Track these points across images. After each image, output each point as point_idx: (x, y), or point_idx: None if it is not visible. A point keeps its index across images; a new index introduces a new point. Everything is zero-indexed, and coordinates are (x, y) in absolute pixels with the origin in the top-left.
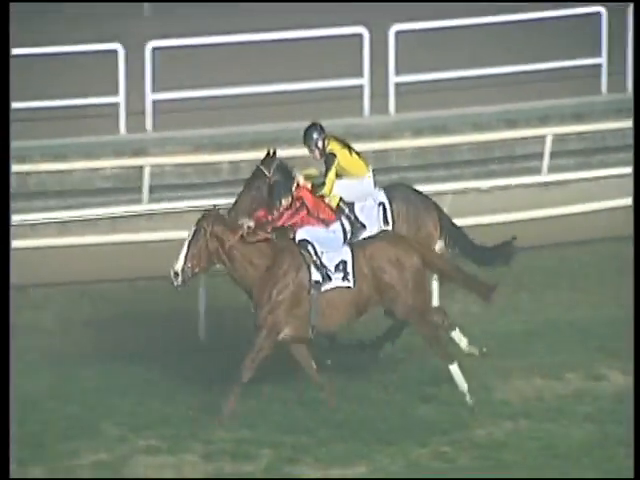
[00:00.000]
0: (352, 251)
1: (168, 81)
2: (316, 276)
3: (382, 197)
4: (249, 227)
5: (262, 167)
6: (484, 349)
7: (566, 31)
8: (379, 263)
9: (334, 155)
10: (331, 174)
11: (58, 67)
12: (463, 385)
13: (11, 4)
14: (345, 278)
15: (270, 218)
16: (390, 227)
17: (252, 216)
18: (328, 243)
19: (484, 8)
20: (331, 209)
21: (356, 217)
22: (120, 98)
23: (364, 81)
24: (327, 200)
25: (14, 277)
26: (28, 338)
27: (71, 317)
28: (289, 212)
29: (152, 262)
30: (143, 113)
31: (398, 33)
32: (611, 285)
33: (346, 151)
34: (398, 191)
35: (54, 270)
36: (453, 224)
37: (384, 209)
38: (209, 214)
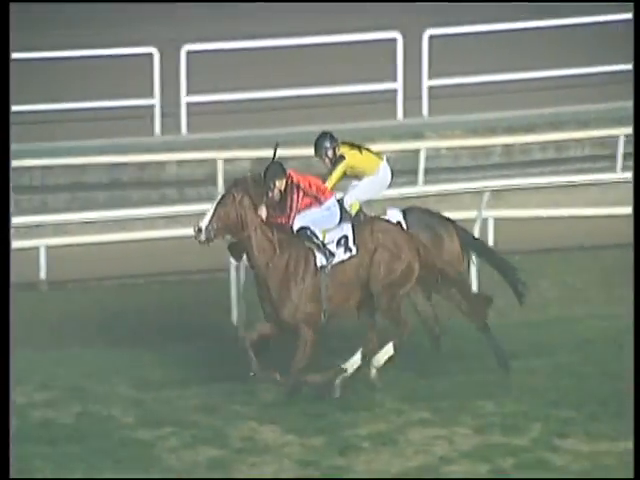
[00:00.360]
0: (354, 226)
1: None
2: (321, 260)
3: (399, 217)
4: (262, 218)
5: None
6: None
7: (598, 37)
8: (383, 240)
9: (342, 157)
10: (336, 173)
11: (90, 70)
12: (379, 362)
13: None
14: (347, 249)
15: (281, 221)
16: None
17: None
18: (325, 221)
19: (516, 12)
20: (324, 187)
21: None
22: (156, 100)
23: (398, 85)
24: (349, 204)
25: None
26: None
27: None
28: (292, 204)
29: None
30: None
31: (432, 37)
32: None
33: (356, 151)
34: (414, 215)
35: None
36: (476, 240)
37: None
38: (242, 182)
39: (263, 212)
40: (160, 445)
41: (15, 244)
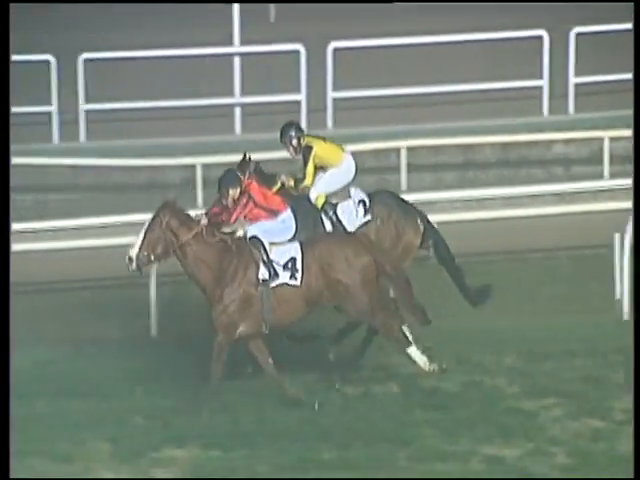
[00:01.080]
0: (302, 248)
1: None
2: (264, 274)
3: (363, 196)
4: (204, 225)
5: (237, 170)
6: (444, 365)
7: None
8: (328, 260)
9: (310, 147)
10: (309, 166)
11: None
12: (425, 364)
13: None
14: (293, 276)
15: (222, 219)
16: (370, 217)
17: (207, 213)
18: (279, 234)
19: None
20: (281, 199)
21: (338, 219)
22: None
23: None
24: (314, 197)
25: None
26: None
27: None
28: (238, 208)
29: None
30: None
31: (579, 35)
32: None
33: (321, 141)
34: (382, 196)
35: None
36: (438, 234)
37: (364, 206)
38: (167, 205)
39: (203, 220)
40: (544, 415)
41: None
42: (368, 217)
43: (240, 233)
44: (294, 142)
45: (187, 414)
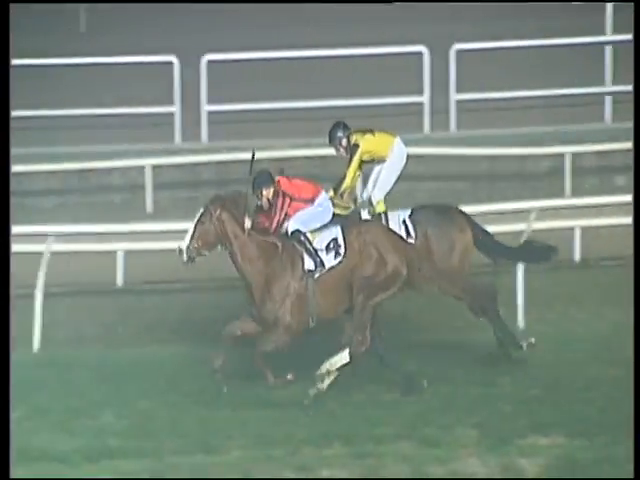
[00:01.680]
0: (344, 228)
1: None
2: (309, 265)
3: (405, 217)
4: (248, 228)
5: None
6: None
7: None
8: (372, 239)
9: (357, 146)
10: (352, 166)
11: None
12: (333, 365)
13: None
14: (337, 254)
15: (266, 225)
16: (414, 240)
17: (254, 218)
18: (319, 218)
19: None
20: (312, 185)
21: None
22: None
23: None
24: (376, 202)
25: None
26: None
27: None
28: (277, 212)
29: None
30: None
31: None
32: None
33: (369, 135)
34: (420, 214)
35: None
36: (486, 233)
37: (406, 226)
38: (218, 198)
39: (247, 223)
40: None
41: None
42: (410, 240)
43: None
44: (343, 142)
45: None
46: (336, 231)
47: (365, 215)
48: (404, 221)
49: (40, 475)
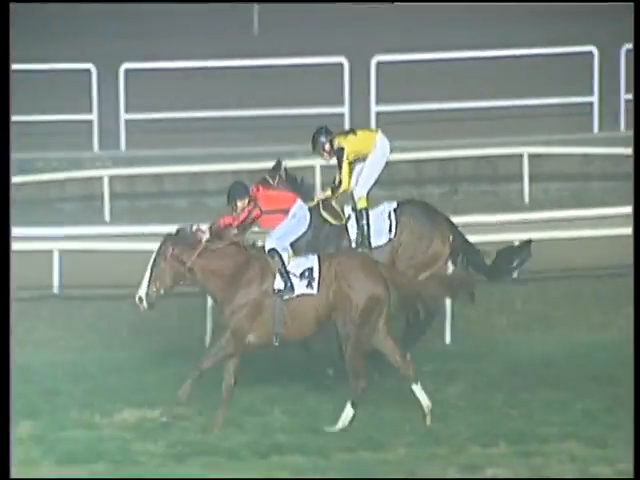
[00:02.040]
0: (319, 260)
1: None
2: (279, 285)
3: (392, 208)
4: (207, 239)
5: (267, 177)
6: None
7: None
8: (344, 273)
9: (342, 149)
10: (345, 169)
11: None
12: (343, 424)
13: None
14: (309, 285)
15: (228, 223)
16: (393, 236)
17: (211, 226)
18: (295, 229)
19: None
20: (289, 195)
21: (369, 226)
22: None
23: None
24: (358, 198)
25: None
26: None
27: None
28: (243, 213)
29: None
30: None
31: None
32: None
33: (351, 136)
34: (409, 206)
35: None
36: (466, 241)
37: (390, 220)
38: (167, 238)
39: (205, 236)
40: None
41: None
42: (392, 235)
43: (259, 243)
44: (327, 147)
45: None
46: (313, 260)
47: (347, 210)
48: (389, 214)
49: (211, 469)
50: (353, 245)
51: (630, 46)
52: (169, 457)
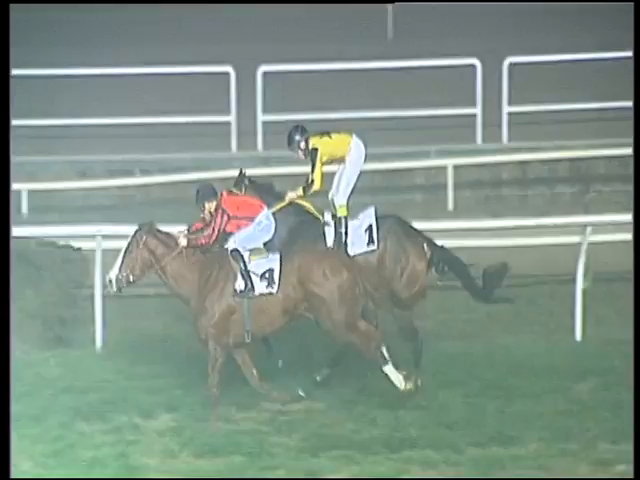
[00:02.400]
0: (281, 260)
1: None
2: (240, 285)
3: (372, 221)
4: (183, 247)
5: (234, 189)
6: (419, 382)
7: None
8: (307, 273)
9: (316, 150)
10: (317, 170)
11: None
12: (401, 383)
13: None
14: (269, 285)
15: (202, 242)
16: (375, 247)
17: (189, 230)
18: (258, 237)
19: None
20: (256, 203)
21: (347, 234)
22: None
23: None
24: (339, 206)
25: None
26: None
27: None
28: (214, 226)
29: None
30: None
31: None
32: None
33: (326, 138)
34: (389, 222)
35: None
36: (449, 255)
37: (371, 234)
38: (144, 226)
39: (183, 241)
40: None
41: None
42: (372, 247)
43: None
44: (302, 145)
45: None
46: (274, 262)
47: (327, 217)
48: (369, 227)
49: (343, 462)
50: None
51: (513, 59)
52: (303, 450)
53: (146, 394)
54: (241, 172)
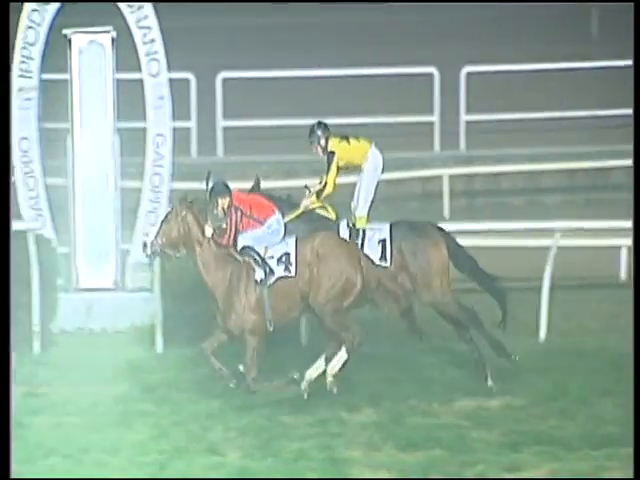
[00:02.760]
0: (297, 242)
1: None
2: (260, 275)
3: (385, 234)
4: (209, 236)
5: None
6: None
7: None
8: (323, 252)
9: (333, 153)
10: (331, 174)
11: None
12: (334, 368)
13: None
14: (287, 268)
15: (225, 242)
16: (388, 264)
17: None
18: (268, 239)
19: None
20: (268, 205)
21: (362, 246)
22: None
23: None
24: (360, 217)
25: None
26: None
27: None
28: (230, 226)
29: None
30: None
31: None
32: None
33: (345, 143)
34: (399, 230)
35: None
36: (465, 254)
37: (384, 247)
38: (184, 200)
39: (209, 231)
40: None
41: None
42: (384, 263)
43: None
44: (322, 142)
45: None
46: (290, 244)
47: (344, 226)
48: (381, 241)
49: (544, 457)
50: None
51: (470, 68)
52: (503, 445)
53: (350, 388)
54: (257, 180)
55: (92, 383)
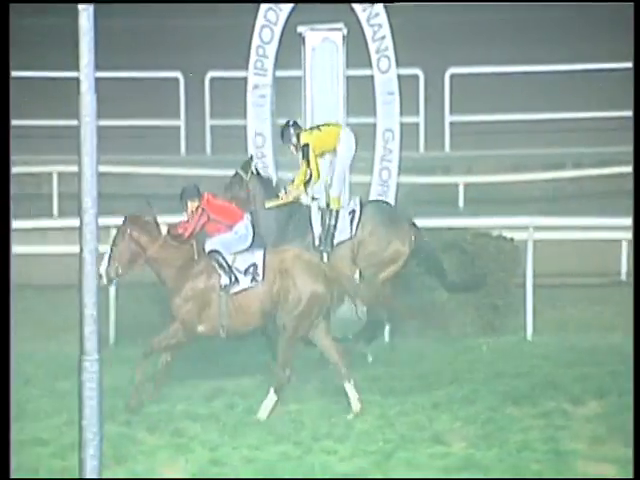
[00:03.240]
0: (265, 254)
1: None
2: (225, 280)
3: (355, 206)
4: (165, 235)
5: (240, 171)
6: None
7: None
8: (288, 269)
9: (307, 145)
10: (313, 164)
11: None
12: (264, 414)
13: None
14: (254, 279)
15: (181, 231)
16: (353, 234)
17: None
18: (235, 245)
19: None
20: (237, 211)
21: (335, 227)
22: None
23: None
24: (336, 197)
25: None
26: None
27: None
28: (192, 222)
29: None
30: None
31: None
32: None
33: (316, 131)
34: (371, 206)
35: None
36: (429, 247)
37: (353, 218)
38: (130, 218)
39: (164, 229)
40: None
41: None
42: (353, 232)
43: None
44: (294, 140)
45: None
46: (258, 256)
47: (315, 207)
48: (352, 212)
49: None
50: (316, 242)
51: (455, 70)
52: None
53: (575, 381)
54: (251, 157)
55: None
